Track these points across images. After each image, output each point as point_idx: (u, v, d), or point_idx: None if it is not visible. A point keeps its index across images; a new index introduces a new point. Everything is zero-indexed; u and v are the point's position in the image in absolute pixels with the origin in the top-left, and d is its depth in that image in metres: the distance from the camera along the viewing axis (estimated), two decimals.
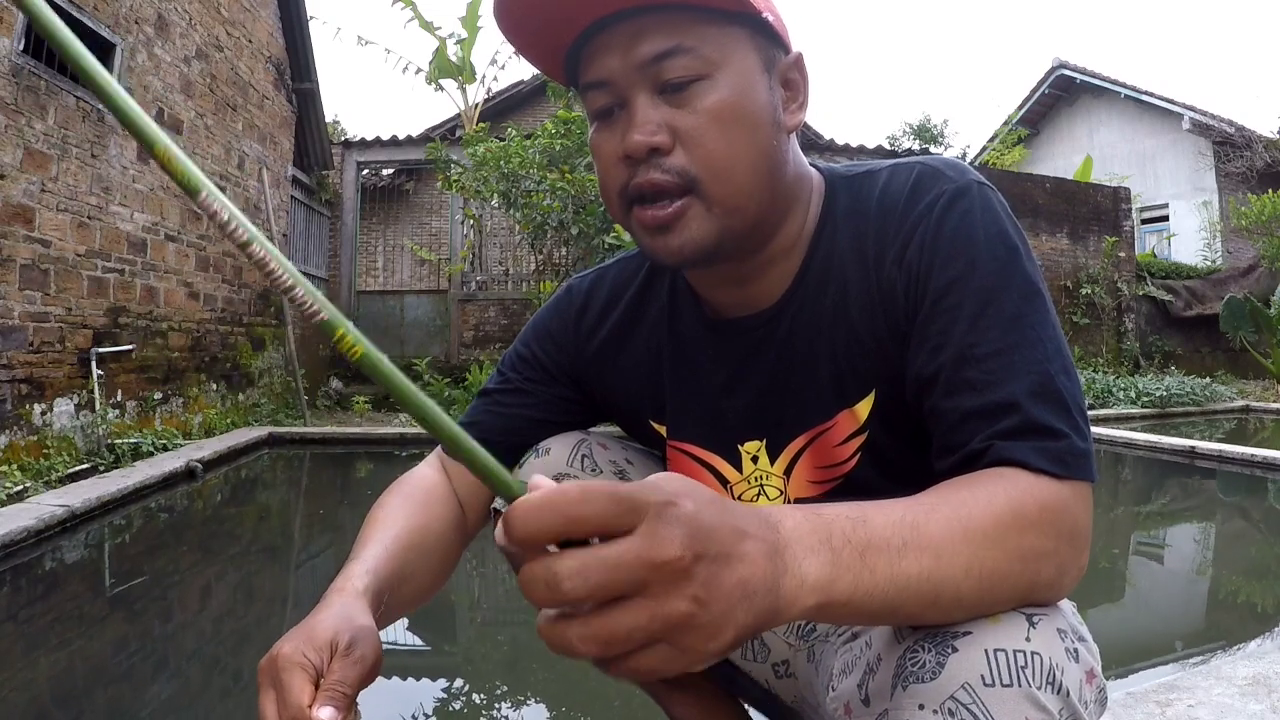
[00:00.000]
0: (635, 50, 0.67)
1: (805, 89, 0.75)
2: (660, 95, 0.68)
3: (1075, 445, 0.60)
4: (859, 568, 0.48)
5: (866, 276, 0.73)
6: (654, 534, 0.40)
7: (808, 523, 0.47)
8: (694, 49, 0.67)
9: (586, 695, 1.97)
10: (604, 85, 0.70)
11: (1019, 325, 0.64)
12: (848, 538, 0.48)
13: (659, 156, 0.68)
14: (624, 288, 0.90)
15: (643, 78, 0.68)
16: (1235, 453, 5.00)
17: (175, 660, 2.19)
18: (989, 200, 0.70)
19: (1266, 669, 1.68)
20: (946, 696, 0.52)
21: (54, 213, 4.46)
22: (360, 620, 0.65)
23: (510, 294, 9.41)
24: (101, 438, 4.64)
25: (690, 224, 0.69)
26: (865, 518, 0.50)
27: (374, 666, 0.62)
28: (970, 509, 0.54)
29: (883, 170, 0.77)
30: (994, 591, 0.53)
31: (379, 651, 0.63)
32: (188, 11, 5.93)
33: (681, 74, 0.67)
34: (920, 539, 0.50)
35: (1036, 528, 0.55)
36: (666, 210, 0.68)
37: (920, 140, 15.12)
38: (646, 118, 0.67)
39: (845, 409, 0.76)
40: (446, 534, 0.86)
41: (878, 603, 0.49)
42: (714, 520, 0.42)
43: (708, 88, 0.67)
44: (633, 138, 0.67)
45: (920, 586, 0.50)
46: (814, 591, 0.46)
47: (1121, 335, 10.58)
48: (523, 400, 0.91)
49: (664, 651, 0.41)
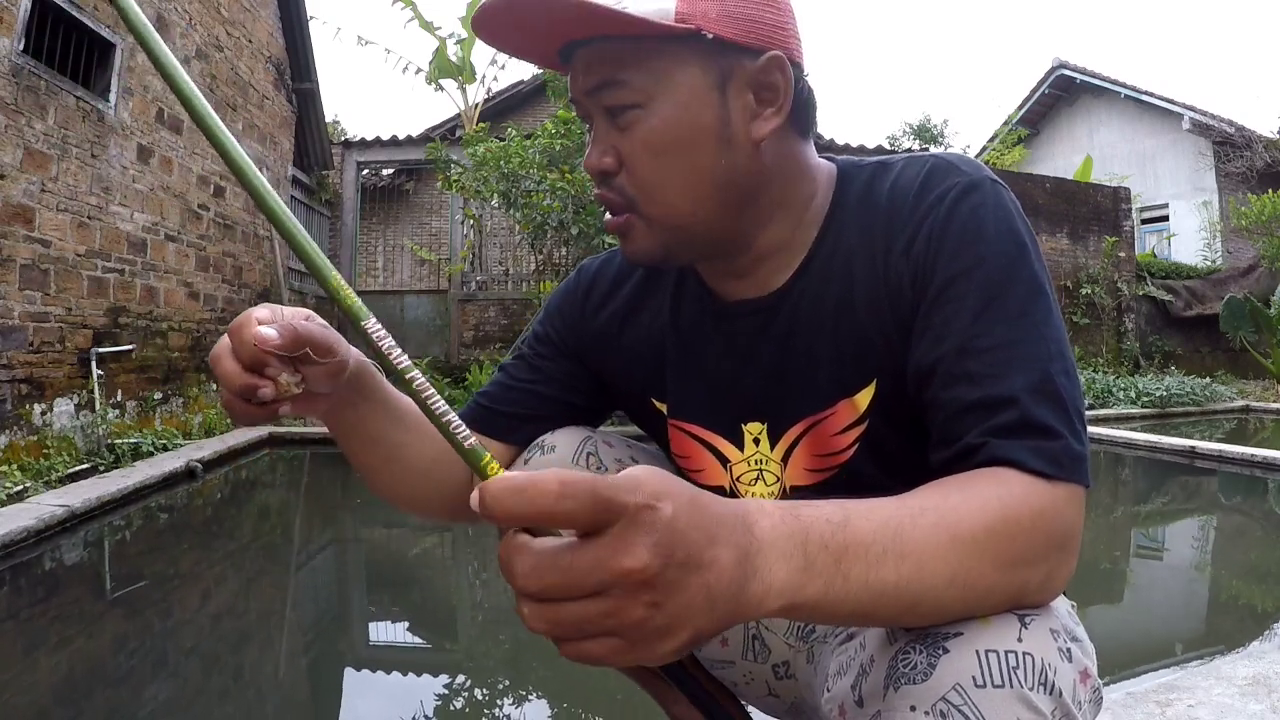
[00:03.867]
0: (582, 79, 0.72)
1: (787, 89, 0.72)
2: (610, 120, 0.72)
3: (1071, 447, 0.59)
4: (831, 573, 0.47)
5: (873, 267, 0.73)
6: (622, 541, 0.40)
7: (785, 525, 0.47)
8: (625, 81, 0.69)
9: (587, 694, 1.98)
10: (576, 103, 0.75)
11: (1023, 322, 0.64)
12: (825, 542, 0.48)
13: (608, 177, 0.73)
14: (626, 276, 0.91)
15: (594, 104, 0.72)
16: (1235, 453, 5.00)
17: (175, 660, 2.19)
18: (1000, 197, 0.70)
19: (1266, 669, 1.68)
20: (938, 698, 0.52)
21: (54, 213, 4.46)
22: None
23: (510, 294, 9.40)
24: (101, 438, 4.64)
25: (636, 237, 0.74)
26: (847, 521, 0.49)
27: (332, 345, 0.65)
28: (960, 514, 0.53)
29: (896, 163, 0.77)
30: (979, 599, 0.53)
31: (342, 345, 0.67)
32: (188, 11, 5.93)
33: (616, 103, 0.70)
34: (902, 546, 0.50)
35: (1027, 535, 0.55)
36: (616, 221, 0.74)
37: (920, 140, 15.11)
38: (600, 139, 0.72)
39: (845, 399, 0.76)
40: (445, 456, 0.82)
41: (849, 608, 0.49)
42: (687, 525, 0.42)
43: (641, 117, 0.70)
44: (588, 159, 0.73)
45: (897, 594, 0.50)
46: (780, 596, 0.46)
47: (1121, 335, 10.58)
48: (533, 374, 0.93)
49: (614, 644, 0.41)
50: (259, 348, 0.60)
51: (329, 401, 0.72)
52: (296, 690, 2.08)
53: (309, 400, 0.68)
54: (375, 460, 0.81)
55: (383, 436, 0.79)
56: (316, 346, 0.63)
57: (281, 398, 0.63)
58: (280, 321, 0.62)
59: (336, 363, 0.66)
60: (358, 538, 3.93)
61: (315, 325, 0.64)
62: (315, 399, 0.69)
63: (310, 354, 0.63)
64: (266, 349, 0.60)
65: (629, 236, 0.74)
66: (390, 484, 0.84)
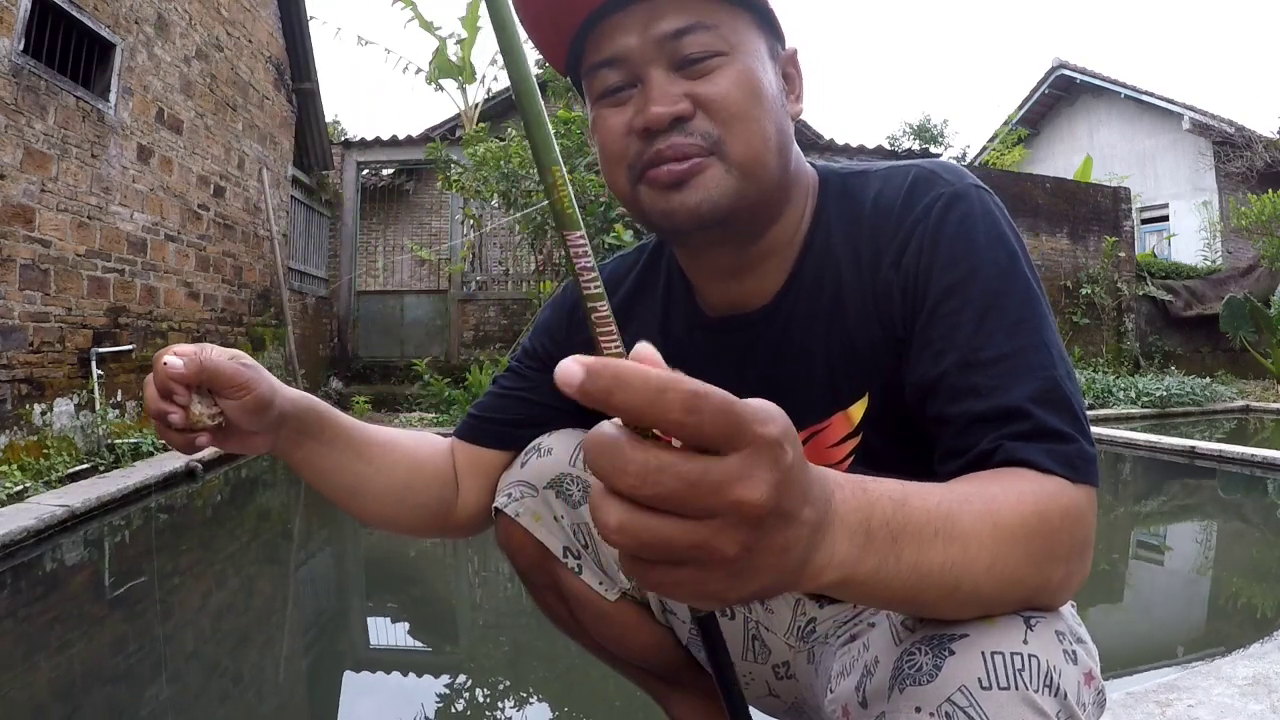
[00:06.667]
0: (654, 27, 0.69)
1: (800, 83, 0.78)
2: (676, 71, 0.70)
3: (1084, 450, 0.60)
4: (886, 552, 0.46)
5: (860, 279, 0.74)
6: (749, 470, 0.36)
7: (854, 499, 0.46)
8: (714, 27, 0.69)
9: (587, 695, 1.97)
10: (616, 63, 0.71)
11: (1022, 330, 0.64)
12: (886, 520, 0.47)
13: (682, 123, 0.69)
14: (617, 284, 0.91)
15: (660, 54, 0.69)
16: (1235, 453, 5.00)
17: (175, 660, 2.19)
18: (987, 204, 0.70)
19: (1266, 669, 1.68)
20: (943, 699, 0.52)
21: (54, 213, 4.46)
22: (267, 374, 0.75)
23: (510, 294, 9.41)
24: (101, 438, 4.64)
25: (708, 181, 0.69)
26: (906, 499, 0.48)
27: (244, 382, 0.70)
28: (1000, 504, 0.53)
29: (877, 172, 0.77)
30: (1010, 590, 0.53)
31: (263, 379, 0.72)
32: (188, 11, 5.92)
33: (701, 49, 0.69)
34: (952, 529, 0.50)
35: (1057, 532, 0.55)
36: (684, 164, 0.69)
37: (920, 140, 15.12)
38: (665, 91, 0.69)
39: (840, 411, 0.76)
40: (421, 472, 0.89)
41: (895, 587, 0.48)
42: (798, 476, 0.39)
43: (726, 63, 0.70)
44: (654, 110, 0.68)
45: (941, 578, 0.49)
46: (838, 569, 0.44)
47: (1121, 335, 10.58)
48: (522, 385, 0.95)
49: (689, 574, 0.38)
50: (166, 374, 0.67)
51: (267, 440, 0.77)
52: (296, 690, 2.08)
53: (239, 436, 0.74)
54: (337, 493, 0.85)
55: (339, 470, 0.84)
56: (220, 379, 0.69)
57: (194, 427, 0.69)
58: (190, 356, 0.68)
59: (253, 399, 0.71)
60: (357, 538, 3.93)
61: (225, 361, 0.70)
62: (246, 436, 0.74)
63: (214, 386, 0.69)
64: (171, 375, 0.67)
65: (699, 183, 0.69)
66: (360, 511, 0.88)
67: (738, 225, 0.73)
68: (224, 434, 0.73)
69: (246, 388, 0.71)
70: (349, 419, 0.85)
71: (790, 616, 0.89)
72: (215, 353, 0.70)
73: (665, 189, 0.70)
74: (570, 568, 0.92)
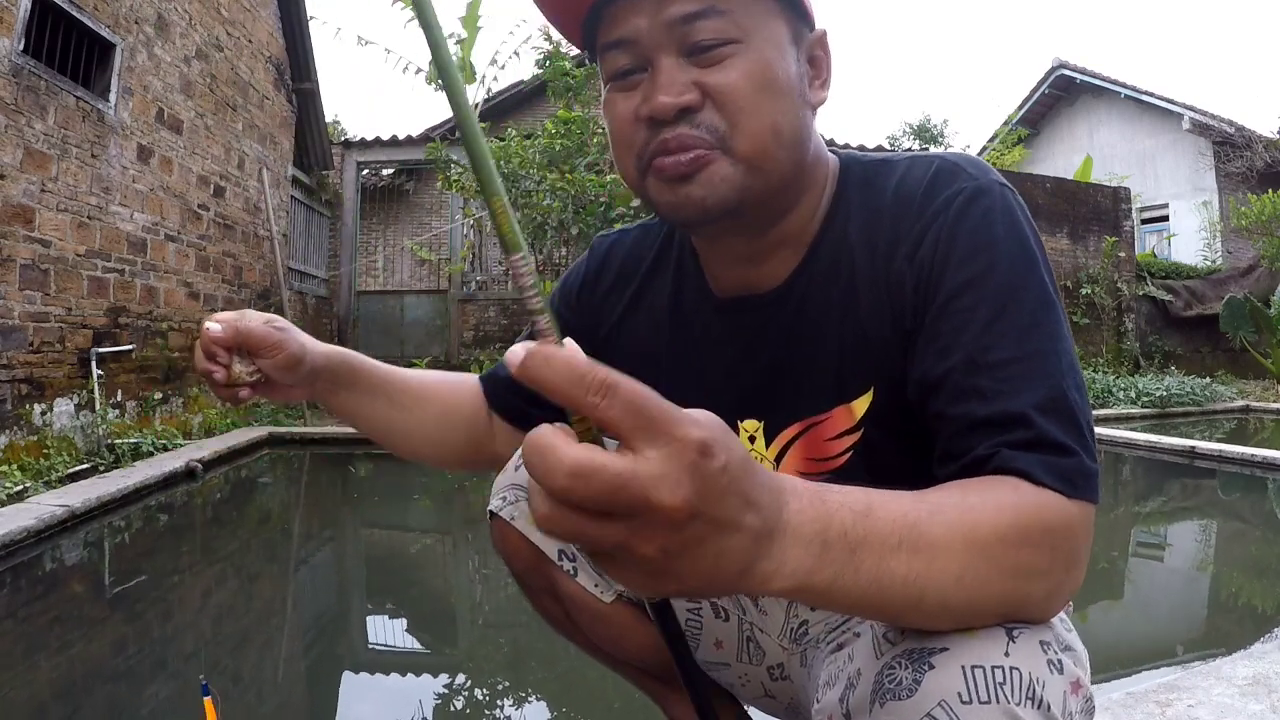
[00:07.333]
0: (665, 10, 0.67)
1: (828, 67, 0.75)
2: (687, 58, 0.67)
3: (1085, 465, 0.58)
4: (843, 563, 0.46)
5: (874, 269, 0.72)
6: (667, 473, 0.37)
7: (811, 509, 0.45)
8: (727, 13, 0.67)
9: (586, 696, 1.97)
10: (626, 45, 0.69)
11: (1034, 335, 0.62)
12: (845, 531, 0.46)
13: (689, 114, 0.67)
14: (639, 261, 0.90)
15: (670, 39, 0.67)
16: (1235, 453, 5.00)
17: (174, 660, 2.19)
18: (1009, 202, 0.68)
19: (1266, 669, 1.68)
20: (923, 714, 0.51)
21: (54, 213, 4.46)
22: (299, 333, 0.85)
23: (510, 294, 9.40)
24: (101, 438, 4.65)
25: (714, 175, 0.68)
26: (869, 510, 0.48)
27: (277, 342, 0.81)
28: (976, 516, 0.52)
29: (900, 162, 0.75)
30: (983, 603, 0.52)
31: (292, 340, 0.83)
32: (188, 11, 5.93)
33: (712, 36, 0.67)
34: (918, 540, 0.49)
35: (1037, 547, 0.53)
36: (689, 155, 0.67)
37: (920, 140, 15.11)
38: (673, 79, 0.67)
39: (842, 404, 0.74)
40: (451, 415, 0.96)
41: (854, 598, 0.48)
42: (732, 484, 0.39)
43: (739, 51, 0.67)
44: (659, 99, 0.67)
45: (905, 589, 0.48)
46: (789, 578, 0.44)
47: (1121, 335, 10.57)
48: None
49: (611, 568, 0.40)
50: (208, 338, 0.79)
51: (304, 392, 0.88)
52: (296, 690, 2.08)
53: (279, 389, 0.85)
54: (375, 434, 0.94)
55: (374, 416, 0.92)
56: (253, 341, 0.80)
57: (236, 383, 0.81)
58: (228, 322, 0.80)
59: (284, 358, 0.82)
60: (357, 537, 3.93)
61: (258, 325, 0.81)
62: (284, 388, 0.86)
63: (248, 347, 0.80)
64: (212, 339, 0.79)
65: (705, 178, 0.68)
66: (396, 447, 0.96)
67: (747, 217, 0.72)
68: (264, 387, 0.84)
69: (278, 348, 0.81)
70: (385, 368, 0.93)
71: (784, 619, 0.88)
72: (251, 317, 0.81)
73: (672, 181, 0.69)
74: (565, 570, 0.92)
